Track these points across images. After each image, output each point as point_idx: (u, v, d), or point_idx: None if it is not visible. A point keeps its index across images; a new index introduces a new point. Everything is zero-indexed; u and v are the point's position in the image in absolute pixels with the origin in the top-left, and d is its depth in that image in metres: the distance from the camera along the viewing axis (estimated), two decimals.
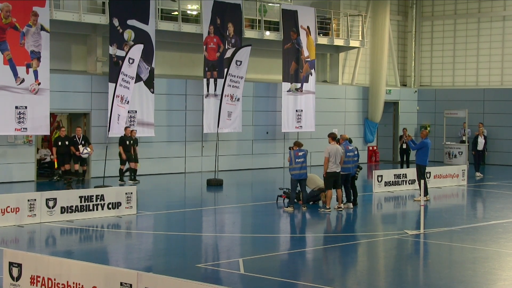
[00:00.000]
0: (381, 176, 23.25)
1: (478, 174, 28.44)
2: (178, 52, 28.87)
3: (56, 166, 23.56)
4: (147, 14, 25.90)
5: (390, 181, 23.35)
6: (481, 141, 29.61)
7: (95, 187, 21.21)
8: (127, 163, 24.64)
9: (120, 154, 24.50)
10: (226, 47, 28.08)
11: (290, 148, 19.42)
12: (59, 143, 23.96)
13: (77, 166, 23.97)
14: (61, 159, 24.01)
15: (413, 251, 14.94)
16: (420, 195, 21.65)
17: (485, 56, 34.94)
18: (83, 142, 23.88)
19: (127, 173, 24.83)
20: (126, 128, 24.61)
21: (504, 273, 12.72)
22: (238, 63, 26.35)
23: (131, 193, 18.07)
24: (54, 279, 9.70)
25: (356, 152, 19.99)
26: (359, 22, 33.49)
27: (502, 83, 34.52)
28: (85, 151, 23.72)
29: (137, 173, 24.96)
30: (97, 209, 17.48)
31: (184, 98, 28.17)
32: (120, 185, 23.45)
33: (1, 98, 22.78)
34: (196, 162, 28.26)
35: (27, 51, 23.15)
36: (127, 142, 24.53)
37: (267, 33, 30.01)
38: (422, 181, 16.72)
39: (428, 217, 17.92)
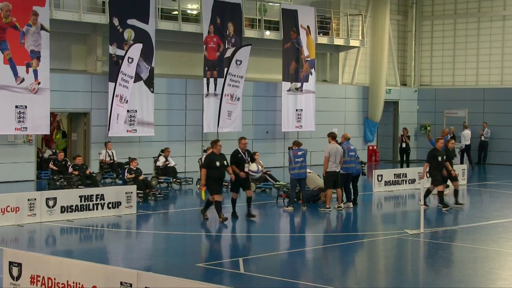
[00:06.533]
0: (381, 175, 23.26)
1: None
2: (178, 51, 28.84)
3: (203, 197, 17.05)
4: (147, 14, 25.88)
5: (390, 181, 23.37)
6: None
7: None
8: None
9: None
10: (226, 47, 28.05)
11: (289, 149, 19.40)
12: (217, 163, 16.26)
13: (235, 195, 17.25)
14: (215, 186, 16.58)
15: (413, 251, 14.94)
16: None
17: (485, 56, 34.92)
18: (248, 159, 17.36)
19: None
20: (437, 139, 19.65)
21: (504, 272, 12.71)
22: (238, 62, 26.34)
23: (131, 192, 18.08)
24: (54, 279, 9.69)
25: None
26: (359, 22, 33.45)
27: (502, 83, 34.50)
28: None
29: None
30: (97, 209, 17.48)
31: (184, 97, 28.15)
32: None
33: (1, 97, 22.78)
34: (196, 162, 28.18)
35: (27, 50, 23.14)
36: (439, 158, 19.08)
37: (267, 32, 29.98)
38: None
39: (428, 217, 17.91)
